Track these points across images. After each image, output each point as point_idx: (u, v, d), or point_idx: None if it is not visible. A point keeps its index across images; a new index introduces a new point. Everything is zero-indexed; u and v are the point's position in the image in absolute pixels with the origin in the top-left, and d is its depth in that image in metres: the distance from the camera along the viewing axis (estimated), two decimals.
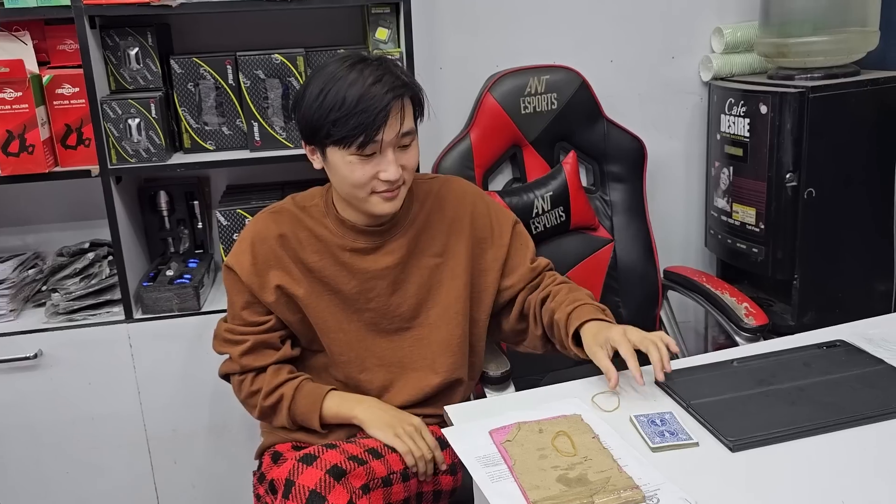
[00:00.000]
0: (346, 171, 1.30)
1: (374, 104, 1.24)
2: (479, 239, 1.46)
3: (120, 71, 1.74)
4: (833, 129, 1.86)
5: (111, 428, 1.78)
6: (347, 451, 1.27)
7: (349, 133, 1.25)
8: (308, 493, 1.19)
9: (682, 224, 2.29)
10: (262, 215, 1.42)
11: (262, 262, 1.38)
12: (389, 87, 1.25)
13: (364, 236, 1.40)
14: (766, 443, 1.08)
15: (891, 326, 1.41)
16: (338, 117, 1.25)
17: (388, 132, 1.26)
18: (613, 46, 2.13)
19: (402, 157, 1.31)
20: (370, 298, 1.41)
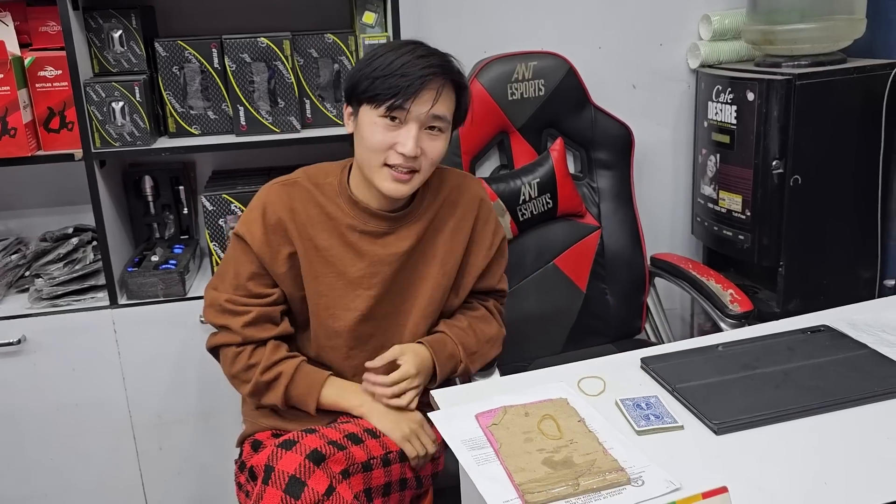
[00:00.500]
0: (369, 132, 1.31)
1: (414, 72, 1.27)
2: (474, 241, 1.49)
3: (103, 53, 1.72)
4: (819, 117, 1.87)
5: (95, 414, 1.77)
6: (327, 435, 1.27)
7: (383, 92, 1.27)
8: (288, 479, 1.18)
9: (669, 211, 2.30)
10: (273, 186, 1.41)
11: (273, 233, 1.37)
12: (434, 64, 1.29)
13: (376, 220, 1.39)
14: (750, 426, 1.09)
15: (874, 312, 1.42)
16: (378, 76, 1.28)
17: (417, 104, 1.28)
18: (602, 33, 2.12)
19: (425, 140, 1.31)
20: (373, 284, 1.40)
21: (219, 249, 1.80)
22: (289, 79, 1.74)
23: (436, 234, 1.44)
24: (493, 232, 1.51)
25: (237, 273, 1.39)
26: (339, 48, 1.79)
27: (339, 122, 1.84)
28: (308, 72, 1.79)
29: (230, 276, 1.40)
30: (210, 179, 1.94)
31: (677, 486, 0.96)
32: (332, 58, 1.80)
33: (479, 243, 1.49)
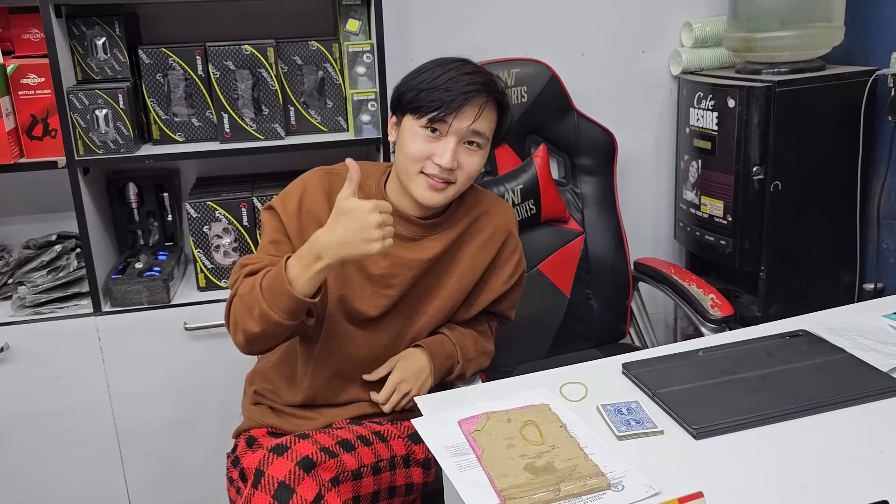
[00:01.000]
0: (409, 140, 1.34)
1: (459, 88, 1.31)
2: (497, 266, 1.51)
3: (87, 61, 1.72)
4: (799, 123, 1.89)
5: (80, 421, 1.76)
6: (320, 441, 1.27)
7: (427, 104, 1.31)
8: (277, 485, 1.19)
9: (653, 216, 2.32)
10: (317, 171, 1.43)
11: (305, 213, 1.37)
12: (479, 82, 1.33)
13: (407, 224, 1.41)
14: (728, 430, 1.10)
15: (852, 316, 1.44)
16: (424, 88, 1.32)
17: (459, 119, 1.31)
18: (584, 40, 2.14)
19: (462, 153, 1.34)
20: (392, 284, 1.42)
21: (203, 257, 1.80)
22: (273, 86, 1.75)
23: (460, 248, 1.47)
24: (517, 263, 1.55)
25: (263, 244, 1.38)
26: (323, 55, 1.80)
27: (324, 129, 1.85)
28: (292, 79, 1.80)
29: (257, 251, 1.40)
30: (194, 186, 1.94)
31: (657, 491, 0.97)
32: (317, 65, 1.80)
33: (502, 269, 1.52)
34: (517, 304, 1.62)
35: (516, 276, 1.54)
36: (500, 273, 1.51)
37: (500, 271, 1.51)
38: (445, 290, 1.47)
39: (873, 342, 1.31)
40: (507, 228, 1.52)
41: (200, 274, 1.81)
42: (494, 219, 1.50)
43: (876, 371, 1.22)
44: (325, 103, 1.83)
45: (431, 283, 1.46)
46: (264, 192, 1.81)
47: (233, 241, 1.80)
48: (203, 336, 1.76)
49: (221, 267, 1.81)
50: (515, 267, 1.54)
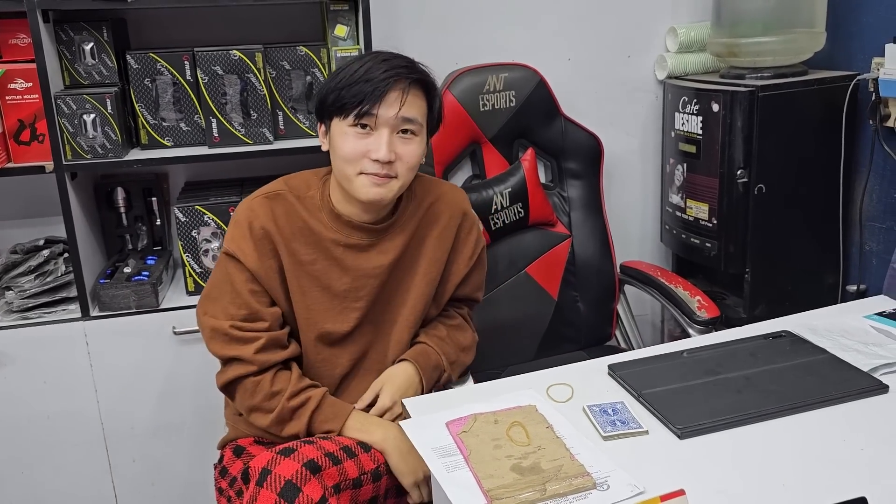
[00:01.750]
0: (341, 142, 1.31)
1: (377, 76, 1.28)
2: (456, 251, 1.50)
3: (75, 66, 1.72)
4: (782, 127, 1.92)
5: (68, 426, 1.76)
6: (324, 447, 1.27)
7: (349, 100, 1.28)
8: (284, 483, 1.19)
9: (639, 220, 2.34)
10: (256, 199, 1.38)
11: (261, 246, 1.34)
12: (397, 67, 1.30)
13: (359, 232, 1.38)
14: (712, 430, 1.12)
15: (834, 317, 1.46)
16: (343, 86, 1.29)
17: (385, 108, 1.28)
18: (571, 45, 2.16)
19: (398, 144, 1.31)
20: (359, 297, 1.40)
21: (192, 261, 1.80)
22: (261, 91, 1.76)
23: (419, 244, 1.45)
24: (475, 242, 1.52)
25: (236, 292, 1.35)
26: (311, 60, 1.81)
27: (312, 134, 1.86)
28: (280, 84, 1.81)
29: (226, 300, 1.35)
30: (183, 191, 1.94)
31: (641, 490, 0.99)
32: (305, 70, 1.81)
33: (461, 253, 1.50)
34: (483, 285, 1.60)
35: (476, 254, 1.52)
36: (460, 257, 1.49)
37: (460, 255, 1.49)
38: (414, 288, 1.45)
39: (854, 342, 1.34)
40: (460, 210, 1.49)
41: (189, 278, 1.81)
42: (447, 204, 1.48)
43: (857, 371, 1.24)
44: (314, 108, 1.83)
45: (398, 285, 1.44)
46: None
47: (222, 245, 1.80)
48: (192, 340, 1.76)
49: (210, 271, 1.81)
50: (475, 246, 1.51)
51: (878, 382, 1.20)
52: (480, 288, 1.60)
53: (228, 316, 1.34)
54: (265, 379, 1.35)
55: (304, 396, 1.35)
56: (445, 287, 1.51)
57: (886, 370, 1.25)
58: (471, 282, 1.55)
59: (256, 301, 1.35)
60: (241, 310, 1.34)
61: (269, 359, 1.35)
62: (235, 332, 1.33)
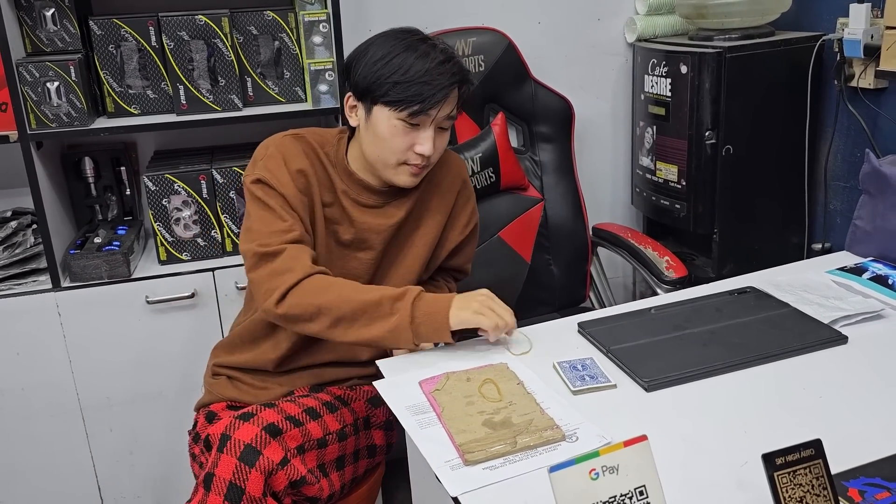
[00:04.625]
0: (388, 134, 1.32)
1: (440, 81, 1.29)
2: (453, 218, 1.52)
3: (36, 32, 1.69)
4: (749, 89, 1.94)
5: (43, 398, 1.75)
6: (285, 410, 1.30)
7: (407, 98, 1.29)
8: (243, 447, 1.21)
9: (610, 182, 2.36)
10: (286, 137, 1.39)
11: (297, 180, 1.35)
12: (456, 71, 1.33)
13: (369, 193, 1.42)
14: (677, 382, 1.15)
15: (797, 273, 1.50)
16: (400, 80, 1.29)
17: (443, 109, 1.32)
18: (540, 8, 2.16)
19: (438, 138, 1.35)
20: (361, 249, 1.44)
21: (163, 230, 1.79)
22: (228, 56, 1.74)
23: (423, 209, 1.48)
24: (471, 212, 1.56)
25: (266, 214, 1.32)
26: (278, 25, 1.79)
27: (282, 100, 1.84)
28: (248, 49, 1.79)
29: (260, 223, 1.32)
30: (152, 160, 1.92)
31: (608, 441, 1.02)
32: (273, 35, 1.79)
33: (457, 220, 1.53)
34: (472, 258, 1.63)
35: (471, 225, 1.55)
36: (457, 223, 1.53)
37: (457, 222, 1.53)
38: (413, 249, 1.48)
39: (816, 297, 1.37)
40: (460, 177, 1.53)
41: (161, 247, 1.80)
42: (448, 171, 1.51)
43: (818, 323, 1.27)
44: (283, 74, 1.82)
45: (399, 246, 1.47)
46: (223, 164, 1.81)
47: (193, 214, 1.80)
48: (165, 309, 1.76)
49: (182, 240, 1.81)
50: (470, 216, 1.55)
51: (837, 334, 1.24)
52: (470, 260, 1.63)
53: (269, 234, 1.31)
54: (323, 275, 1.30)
55: (401, 289, 1.28)
56: (439, 253, 1.53)
57: (846, 322, 1.28)
58: (463, 252, 1.59)
59: (292, 217, 1.33)
60: (273, 225, 1.31)
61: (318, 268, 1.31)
62: (260, 249, 1.29)
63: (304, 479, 1.28)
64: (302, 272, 1.28)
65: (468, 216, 1.54)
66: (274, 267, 1.29)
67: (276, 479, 1.23)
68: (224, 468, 1.20)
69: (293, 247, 1.30)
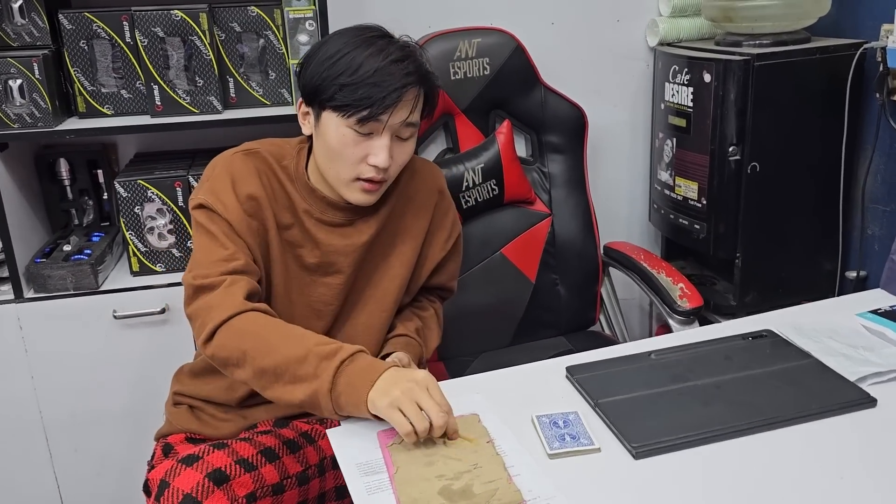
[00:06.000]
0: (337, 144, 1.17)
1: (391, 82, 1.13)
2: (432, 233, 1.38)
3: (2, 26, 1.58)
4: (779, 100, 1.76)
5: (3, 414, 1.65)
6: (238, 452, 1.16)
7: (355, 102, 1.13)
8: (182, 497, 1.08)
9: (627, 198, 2.19)
10: (236, 155, 1.24)
11: (245, 204, 1.20)
12: (412, 70, 1.16)
13: (333, 210, 1.27)
14: (671, 449, 0.99)
15: (824, 314, 1.32)
16: (348, 82, 1.13)
17: (395, 116, 1.16)
18: (554, 8, 2.00)
19: (396, 148, 1.20)
20: (328, 273, 1.29)
21: (136, 239, 1.68)
22: (207, 55, 1.61)
23: (395, 224, 1.34)
24: (452, 224, 1.41)
25: (209, 242, 1.18)
26: (263, 22, 1.66)
27: (267, 102, 1.72)
28: (230, 48, 1.66)
29: (201, 251, 1.18)
30: (131, 162, 1.81)
31: None
32: (257, 32, 1.66)
33: (436, 236, 1.39)
34: (457, 274, 1.49)
35: (453, 238, 1.41)
36: (436, 240, 1.38)
37: (435, 238, 1.38)
38: (390, 270, 1.34)
39: (843, 345, 1.20)
40: (437, 188, 1.38)
41: (133, 258, 1.69)
42: (422, 182, 1.36)
43: (842, 380, 1.10)
44: (268, 74, 1.69)
45: (374, 266, 1.33)
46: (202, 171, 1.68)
47: (168, 223, 1.68)
48: (134, 324, 1.65)
49: (156, 250, 1.69)
50: (451, 230, 1.40)
51: (864, 395, 1.07)
52: (455, 277, 1.49)
53: (209, 264, 1.16)
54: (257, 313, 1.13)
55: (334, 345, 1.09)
56: (420, 272, 1.39)
57: (876, 380, 1.11)
58: (447, 270, 1.44)
59: (235, 245, 1.18)
60: (212, 255, 1.17)
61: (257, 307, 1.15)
62: (198, 281, 1.15)
63: None
64: (232, 308, 1.12)
65: (448, 230, 1.40)
66: (207, 301, 1.14)
67: None
68: None
69: (231, 278, 1.15)
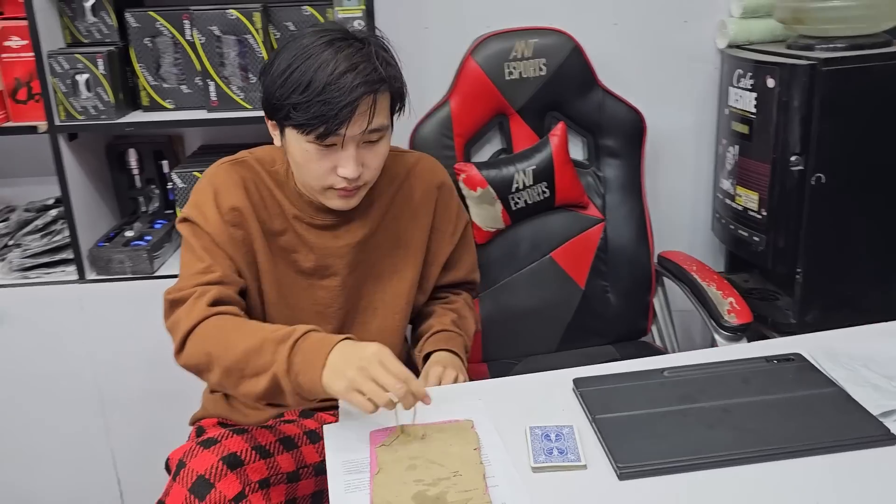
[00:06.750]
0: (301, 159, 1.17)
1: (340, 97, 1.09)
2: (437, 229, 1.37)
3: (75, 24, 1.69)
4: (849, 108, 1.64)
5: (64, 387, 1.77)
6: (256, 438, 1.20)
7: (308, 121, 1.11)
8: (196, 478, 1.13)
9: (690, 206, 2.11)
10: (222, 166, 1.27)
11: (227, 216, 1.22)
12: (363, 79, 1.11)
13: (323, 213, 1.28)
14: (660, 472, 0.95)
15: (863, 341, 1.23)
16: (299, 101, 1.11)
17: (352, 128, 1.13)
18: (617, 8, 1.94)
19: (366, 154, 1.18)
20: (326, 276, 1.31)
21: None
22: (259, 53, 1.67)
23: (394, 222, 1.33)
24: (456, 216, 1.40)
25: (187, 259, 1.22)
26: (316, 21, 1.70)
27: None
28: None
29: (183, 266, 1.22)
30: (193, 154, 1.90)
31: None
32: None
33: (442, 230, 1.38)
34: (476, 265, 1.46)
35: (459, 230, 1.39)
36: (442, 235, 1.37)
37: (441, 233, 1.37)
38: (397, 271, 1.34)
39: (877, 375, 1.11)
40: (437, 181, 1.37)
41: None
42: (419, 177, 1.35)
43: (863, 413, 1.02)
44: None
45: (372, 267, 1.33)
46: None
47: None
48: None
49: None
50: (456, 221, 1.38)
51: (884, 431, 0.99)
52: (475, 268, 1.47)
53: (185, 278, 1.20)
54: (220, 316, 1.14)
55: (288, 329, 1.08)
56: (431, 270, 1.39)
57: None
58: (462, 263, 1.43)
59: (213, 259, 1.20)
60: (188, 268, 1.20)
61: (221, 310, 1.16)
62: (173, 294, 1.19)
63: None
64: (197, 317, 1.13)
65: (453, 223, 1.38)
66: (178, 314, 1.16)
67: None
68: (175, 498, 1.13)
69: (201, 289, 1.15)
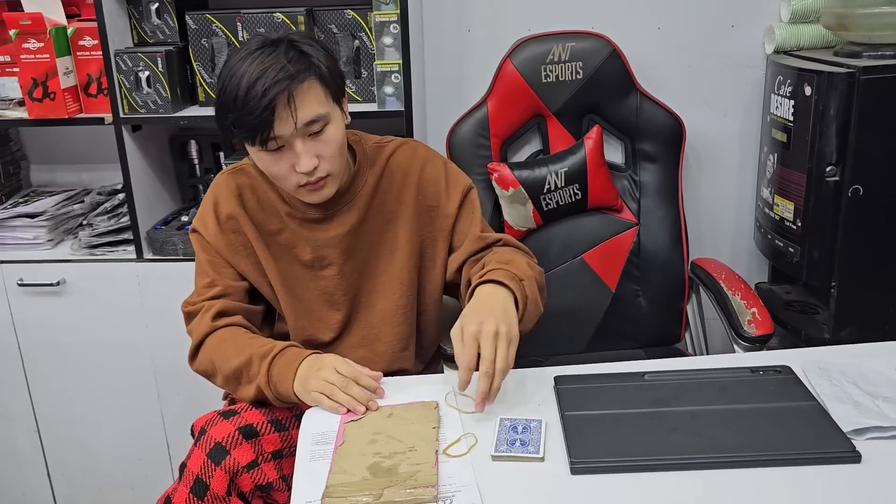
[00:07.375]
0: (264, 167, 1.28)
1: (255, 105, 1.16)
2: (428, 206, 1.40)
3: (142, 25, 1.84)
4: (889, 118, 1.58)
5: (121, 357, 1.93)
6: (273, 412, 1.29)
7: (241, 134, 1.21)
8: (213, 444, 1.22)
9: (731, 214, 2.07)
10: (222, 176, 1.40)
11: (225, 224, 1.36)
12: (270, 82, 1.16)
13: (312, 207, 1.36)
14: (610, 470, 0.97)
15: (862, 358, 1.20)
16: (231, 120, 1.20)
17: (280, 128, 1.19)
18: (663, 12, 1.94)
19: (317, 145, 1.24)
20: (324, 266, 1.39)
21: None
22: None
23: (381, 207, 1.39)
24: (447, 187, 1.39)
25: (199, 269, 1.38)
26: (358, 24, 1.78)
27: (359, 99, 1.84)
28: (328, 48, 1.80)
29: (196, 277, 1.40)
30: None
31: None
32: (353, 34, 1.80)
33: (435, 206, 1.40)
34: (488, 226, 1.43)
35: (458, 191, 1.39)
36: (443, 205, 1.39)
37: (434, 209, 1.40)
38: (392, 252, 1.39)
39: (862, 393, 1.09)
40: (419, 163, 1.40)
41: None
42: (398, 162, 1.39)
43: (834, 429, 1.01)
44: (360, 73, 1.82)
45: (368, 252, 1.39)
46: None
47: None
48: None
49: None
50: (452, 184, 1.40)
51: (849, 448, 0.97)
52: (487, 228, 1.43)
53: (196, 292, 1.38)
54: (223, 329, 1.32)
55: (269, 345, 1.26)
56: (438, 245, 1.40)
57: (877, 434, 1.01)
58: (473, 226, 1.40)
59: (216, 272, 1.36)
60: (201, 278, 1.38)
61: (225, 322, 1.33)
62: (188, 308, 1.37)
63: (271, 484, 1.27)
64: (203, 331, 1.31)
65: (444, 194, 1.39)
66: (191, 327, 1.36)
67: (242, 481, 1.23)
68: (195, 462, 1.22)
69: (208, 304, 1.33)
